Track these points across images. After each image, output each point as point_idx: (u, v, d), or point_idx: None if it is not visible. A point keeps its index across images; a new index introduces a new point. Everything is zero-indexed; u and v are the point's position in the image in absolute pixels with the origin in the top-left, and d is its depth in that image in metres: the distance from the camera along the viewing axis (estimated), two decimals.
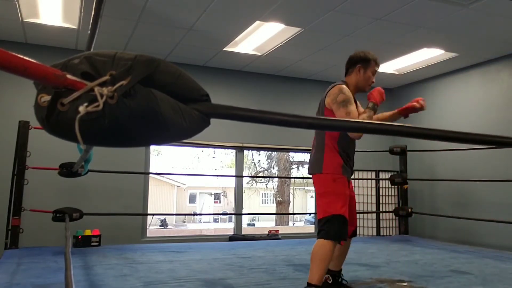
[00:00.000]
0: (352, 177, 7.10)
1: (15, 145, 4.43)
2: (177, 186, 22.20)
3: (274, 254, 4.34)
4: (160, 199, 19.77)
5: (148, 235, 6.34)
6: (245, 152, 7.33)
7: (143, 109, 0.85)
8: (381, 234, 6.53)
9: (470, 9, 4.37)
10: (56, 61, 0.89)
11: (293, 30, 5.07)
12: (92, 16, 1.82)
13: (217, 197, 23.18)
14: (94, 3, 1.80)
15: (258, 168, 18.23)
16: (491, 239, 5.62)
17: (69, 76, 0.83)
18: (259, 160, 18.20)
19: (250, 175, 18.31)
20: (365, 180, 6.73)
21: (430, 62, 6.21)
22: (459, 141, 1.25)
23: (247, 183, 19.03)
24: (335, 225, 2.57)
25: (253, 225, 18.98)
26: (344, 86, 2.77)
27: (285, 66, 6.52)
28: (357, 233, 3.01)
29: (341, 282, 2.94)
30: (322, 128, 2.40)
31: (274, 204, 17.90)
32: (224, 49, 5.77)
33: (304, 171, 18.52)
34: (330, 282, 2.89)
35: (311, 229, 8.12)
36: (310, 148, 2.96)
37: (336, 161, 2.71)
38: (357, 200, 6.61)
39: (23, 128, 4.43)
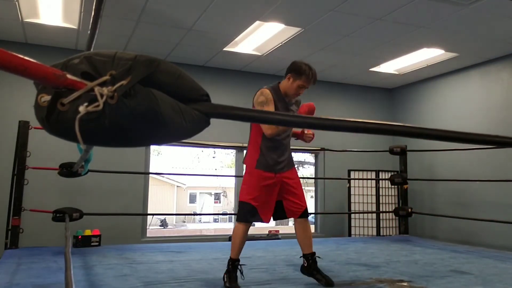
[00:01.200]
0: (352, 176, 7.05)
1: (15, 145, 4.43)
2: (177, 186, 22.19)
3: (274, 254, 4.34)
4: (160, 199, 19.76)
5: (148, 235, 6.34)
6: (245, 152, 7.33)
7: (143, 109, 0.85)
8: (381, 234, 6.53)
9: (470, 9, 4.37)
10: (56, 61, 0.90)
11: (293, 30, 5.07)
12: (92, 16, 1.82)
13: (217, 197, 23.16)
14: (94, 3, 1.80)
15: None
16: (491, 239, 5.62)
17: (69, 76, 0.83)
18: None
19: None
20: (365, 180, 6.73)
21: (430, 62, 6.22)
22: (459, 141, 1.25)
23: None
24: (242, 210, 3.03)
25: (253, 225, 18.92)
26: (265, 89, 3.03)
27: (285, 66, 6.45)
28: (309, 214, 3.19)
29: (313, 265, 3.07)
30: (323, 127, 2.45)
31: None
32: (224, 49, 5.77)
33: (303, 171, 18.50)
34: (306, 265, 3.10)
35: (311, 229, 8.12)
36: (310, 148, 3.21)
37: (254, 157, 3.07)
38: (357, 200, 6.68)
39: (23, 128, 4.43)
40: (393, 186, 6.55)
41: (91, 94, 0.84)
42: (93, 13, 1.82)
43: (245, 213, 3.01)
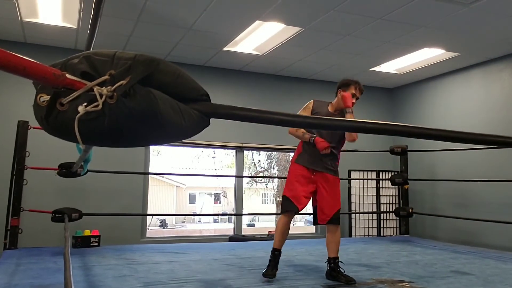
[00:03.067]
0: (353, 176, 7.06)
1: (14, 145, 4.42)
2: (177, 186, 22.16)
3: None
4: (160, 199, 19.75)
5: (147, 235, 6.33)
6: (245, 152, 7.33)
7: (143, 109, 0.85)
8: (382, 234, 6.52)
9: (471, 8, 4.36)
10: (56, 61, 0.89)
11: (293, 30, 5.06)
12: (91, 15, 1.82)
13: (217, 197, 23.14)
14: (94, 2, 1.80)
15: (258, 168, 18.21)
16: (492, 240, 5.62)
17: (68, 75, 0.83)
18: (259, 160, 18.17)
19: (250, 175, 18.30)
20: (366, 180, 6.73)
21: (431, 62, 6.21)
22: (460, 141, 1.24)
23: (247, 183, 18.99)
24: (282, 203, 3.34)
25: (253, 225, 18.92)
26: (311, 101, 3.50)
27: (285, 66, 6.52)
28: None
29: (335, 269, 3.26)
30: (322, 127, 2.54)
31: (274, 204, 17.87)
32: (224, 48, 5.76)
33: None
34: (328, 268, 3.31)
35: (312, 229, 8.12)
36: None
37: (297, 151, 3.46)
38: (357, 200, 6.68)
39: (22, 128, 4.42)
40: (393, 186, 6.55)
41: (91, 94, 0.83)
42: (92, 13, 1.82)
43: (283, 204, 3.33)
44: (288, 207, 3.28)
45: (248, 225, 18.59)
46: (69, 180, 4.70)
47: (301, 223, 19.97)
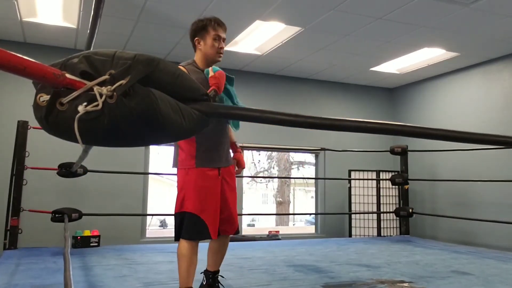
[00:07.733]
0: (353, 176, 7.01)
1: (14, 145, 4.41)
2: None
3: (274, 255, 4.32)
4: (160, 199, 19.74)
5: (147, 235, 6.33)
6: (245, 152, 7.32)
7: (143, 108, 0.84)
8: (382, 234, 6.52)
9: (471, 9, 4.36)
10: (55, 60, 0.89)
11: (293, 30, 5.06)
12: (91, 15, 1.82)
13: None
14: (94, 2, 1.79)
15: (258, 168, 18.20)
16: (492, 240, 5.61)
17: (68, 75, 0.83)
18: (259, 160, 18.17)
19: (250, 175, 18.30)
20: (366, 180, 6.72)
21: (431, 62, 6.21)
22: (461, 141, 1.24)
23: (247, 183, 19.00)
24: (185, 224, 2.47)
25: (253, 225, 18.92)
26: (180, 67, 2.47)
27: (285, 66, 6.51)
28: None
29: (215, 284, 2.78)
30: (323, 127, 2.47)
31: (274, 205, 17.87)
32: (224, 48, 5.75)
33: (304, 171, 18.48)
34: (205, 283, 2.81)
35: (312, 229, 8.11)
36: (310, 148, 3.21)
37: (188, 153, 2.48)
38: (357, 201, 6.67)
39: (22, 128, 4.41)
40: (393, 186, 6.54)
41: (90, 93, 0.83)
42: (92, 12, 1.82)
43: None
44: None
45: (248, 225, 18.56)
46: (69, 180, 4.70)
47: (301, 223, 19.98)
